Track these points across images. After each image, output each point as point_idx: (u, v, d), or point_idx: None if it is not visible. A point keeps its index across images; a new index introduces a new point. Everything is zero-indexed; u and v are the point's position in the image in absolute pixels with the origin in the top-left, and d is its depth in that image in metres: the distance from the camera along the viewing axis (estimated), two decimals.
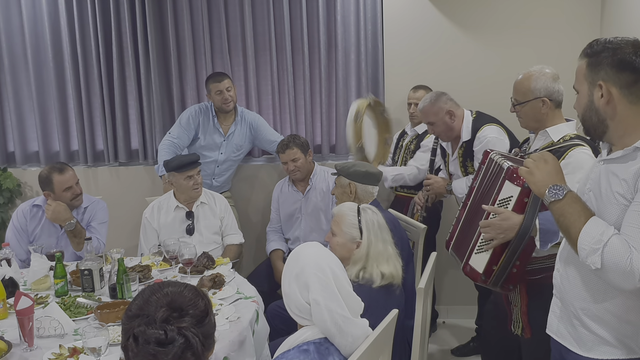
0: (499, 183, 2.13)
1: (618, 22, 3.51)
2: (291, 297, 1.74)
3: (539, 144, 2.34)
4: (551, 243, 2.02)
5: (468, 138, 3.08)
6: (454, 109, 3.10)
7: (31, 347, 2.08)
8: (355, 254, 2.34)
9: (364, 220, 2.37)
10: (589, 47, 1.61)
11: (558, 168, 1.67)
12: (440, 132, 3.16)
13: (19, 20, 4.13)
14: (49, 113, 4.24)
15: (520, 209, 2.01)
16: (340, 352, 1.73)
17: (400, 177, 3.63)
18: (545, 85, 2.31)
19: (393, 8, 3.90)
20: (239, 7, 4.04)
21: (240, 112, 3.92)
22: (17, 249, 3.11)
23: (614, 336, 1.61)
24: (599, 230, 1.49)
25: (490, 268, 2.09)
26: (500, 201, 2.10)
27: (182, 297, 1.37)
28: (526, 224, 1.98)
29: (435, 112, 3.09)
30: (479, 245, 2.18)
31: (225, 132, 3.87)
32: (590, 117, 1.62)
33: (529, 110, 2.34)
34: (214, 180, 3.90)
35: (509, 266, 2.07)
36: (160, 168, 3.65)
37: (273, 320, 2.89)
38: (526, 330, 2.30)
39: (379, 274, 2.29)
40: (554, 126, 2.30)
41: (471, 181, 2.47)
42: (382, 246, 2.36)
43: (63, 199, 3.15)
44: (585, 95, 1.62)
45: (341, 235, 2.38)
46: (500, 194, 2.10)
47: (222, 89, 3.73)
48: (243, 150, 3.97)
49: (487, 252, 2.11)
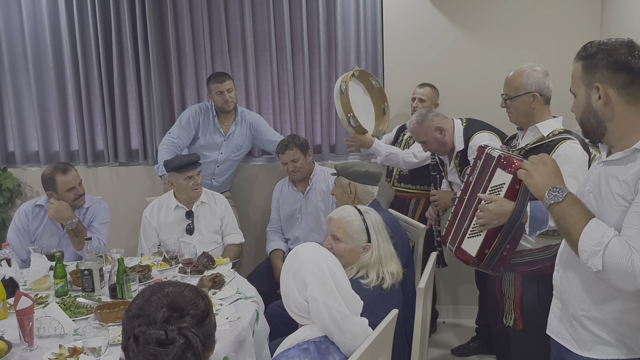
0: (489, 170, 2.19)
1: (618, 23, 3.51)
2: (289, 295, 1.74)
3: (529, 139, 2.40)
4: (539, 231, 2.08)
5: (461, 148, 3.09)
6: (442, 124, 3.10)
7: (31, 347, 2.08)
8: (363, 258, 2.34)
9: (370, 223, 2.38)
10: (584, 50, 1.62)
11: (557, 170, 1.68)
12: (434, 149, 3.18)
13: (19, 20, 4.13)
14: (49, 113, 4.25)
15: (512, 196, 2.07)
16: (340, 351, 1.73)
17: (395, 157, 3.58)
18: (536, 81, 2.38)
19: (393, 8, 3.90)
20: (239, 7, 4.04)
21: (241, 112, 3.91)
22: (18, 249, 3.12)
23: (614, 337, 1.62)
24: (600, 232, 1.49)
25: (482, 252, 2.18)
26: (492, 188, 2.15)
27: (182, 297, 1.37)
28: (518, 210, 2.05)
29: (425, 131, 3.11)
30: (471, 229, 2.25)
31: (225, 132, 3.87)
32: (588, 119, 1.62)
33: (519, 104, 2.40)
34: (214, 181, 3.90)
35: (500, 250, 2.15)
36: (160, 168, 3.65)
37: (273, 320, 2.89)
38: (518, 322, 2.36)
39: (389, 273, 2.31)
40: (543, 122, 2.37)
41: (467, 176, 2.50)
42: (387, 246, 2.39)
43: (66, 199, 3.15)
44: (583, 97, 1.62)
45: (348, 242, 2.36)
46: (492, 181, 2.16)
47: (223, 90, 3.72)
48: (243, 150, 3.97)
49: (479, 236, 2.19)
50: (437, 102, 3.77)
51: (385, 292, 2.30)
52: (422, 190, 3.68)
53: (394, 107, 3.94)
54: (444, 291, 4.10)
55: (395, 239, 2.54)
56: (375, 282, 2.28)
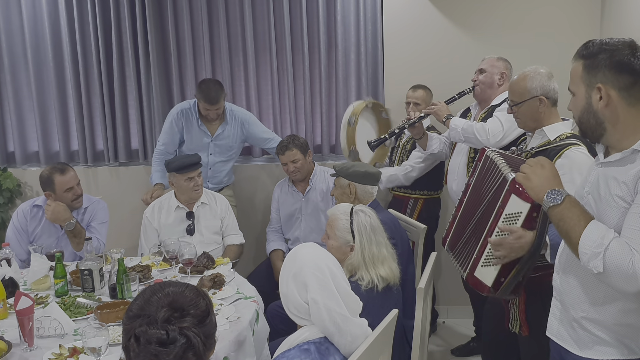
0: (502, 194, 2.05)
1: (618, 23, 3.51)
2: (289, 297, 1.74)
3: (535, 143, 2.36)
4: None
5: (498, 102, 3.12)
6: (508, 74, 3.21)
7: (31, 347, 2.08)
8: (350, 258, 2.33)
9: (355, 224, 2.36)
10: (585, 49, 1.59)
11: (555, 172, 1.67)
12: (481, 80, 3.24)
13: (19, 20, 4.13)
14: (49, 113, 4.24)
15: (529, 225, 1.96)
16: (340, 352, 1.73)
17: (395, 178, 3.62)
18: (541, 84, 2.34)
19: (393, 8, 3.90)
20: (239, 7, 4.04)
21: (230, 111, 3.79)
22: (17, 249, 3.11)
23: (614, 337, 1.61)
24: (600, 234, 1.49)
25: (498, 281, 2.06)
26: (508, 216, 2.02)
27: (183, 297, 1.37)
28: (538, 242, 1.94)
29: (495, 64, 3.24)
30: (485, 258, 2.12)
31: (212, 132, 3.77)
32: (587, 119, 1.60)
33: (526, 109, 2.36)
34: (208, 183, 3.81)
35: (517, 278, 2.04)
36: (153, 177, 3.74)
37: (273, 320, 2.89)
38: (524, 328, 2.31)
39: (378, 276, 2.29)
40: (551, 125, 2.32)
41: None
42: (377, 249, 2.34)
43: (64, 199, 3.15)
44: (583, 97, 1.60)
45: (335, 239, 2.38)
46: (506, 207, 2.02)
47: (211, 109, 3.63)
48: (235, 152, 3.87)
49: (495, 267, 2.06)
50: (431, 102, 3.76)
51: (384, 292, 2.30)
52: (422, 194, 3.68)
53: (393, 107, 3.93)
54: (444, 291, 4.10)
55: (395, 239, 2.53)
56: (364, 284, 2.26)
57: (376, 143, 3.47)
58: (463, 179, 3.18)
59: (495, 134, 2.96)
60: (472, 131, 3.01)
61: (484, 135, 2.97)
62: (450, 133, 3.16)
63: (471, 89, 3.30)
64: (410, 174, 3.59)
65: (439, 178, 3.71)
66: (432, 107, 3.31)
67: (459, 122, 3.11)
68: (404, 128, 3.40)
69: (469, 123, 3.09)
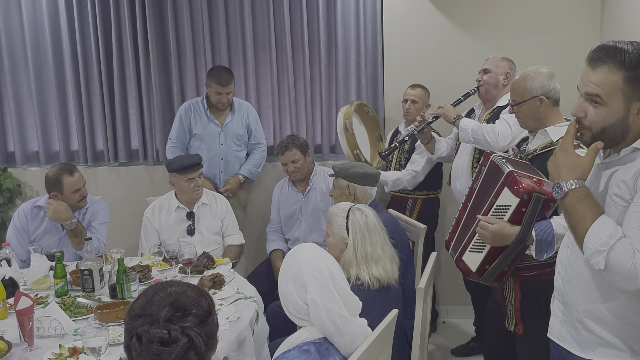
0: (497, 186, 2.14)
1: (618, 22, 3.51)
2: (288, 298, 1.73)
3: (537, 143, 2.36)
4: (547, 254, 2.03)
5: (504, 103, 3.10)
6: (511, 74, 3.21)
7: (31, 347, 2.08)
8: (344, 255, 2.34)
9: (350, 222, 2.37)
10: (622, 55, 1.48)
11: (562, 162, 1.59)
12: (486, 81, 3.24)
13: (19, 20, 4.13)
14: (49, 113, 4.24)
15: (517, 219, 2.04)
16: (340, 352, 1.73)
17: (400, 182, 3.62)
18: (541, 84, 2.35)
19: (393, 8, 3.90)
20: (239, 7, 4.04)
21: (238, 103, 3.89)
22: (17, 249, 3.11)
23: (617, 338, 1.61)
24: (607, 232, 1.47)
25: (483, 267, 2.18)
26: (498, 207, 2.11)
27: (185, 296, 1.37)
28: (522, 235, 2.03)
29: (500, 64, 3.24)
30: (473, 243, 2.24)
31: (221, 123, 3.83)
32: (615, 129, 1.54)
33: (527, 109, 2.37)
34: (221, 174, 3.86)
35: (501, 267, 2.15)
36: None
37: (273, 321, 2.90)
38: (519, 327, 2.34)
39: (371, 276, 2.28)
40: (554, 126, 2.32)
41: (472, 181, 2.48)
42: (370, 248, 2.33)
43: (71, 200, 3.15)
44: (620, 110, 1.51)
45: (332, 236, 2.41)
46: (498, 199, 2.11)
47: (222, 93, 3.71)
48: (244, 141, 3.91)
49: (481, 253, 2.17)
50: (428, 102, 3.76)
51: (384, 292, 2.29)
52: (421, 194, 3.68)
53: (393, 107, 3.94)
54: (444, 291, 4.10)
55: (395, 240, 2.53)
56: (359, 283, 2.26)
57: (387, 152, 3.49)
58: (467, 179, 3.18)
59: (504, 137, 2.96)
60: (482, 133, 3.00)
61: (493, 138, 2.97)
62: (460, 134, 3.14)
63: (476, 89, 3.30)
64: (415, 179, 3.60)
65: (437, 178, 3.72)
66: (440, 110, 3.31)
67: (469, 123, 3.09)
68: (413, 135, 3.40)
69: (478, 125, 3.08)
